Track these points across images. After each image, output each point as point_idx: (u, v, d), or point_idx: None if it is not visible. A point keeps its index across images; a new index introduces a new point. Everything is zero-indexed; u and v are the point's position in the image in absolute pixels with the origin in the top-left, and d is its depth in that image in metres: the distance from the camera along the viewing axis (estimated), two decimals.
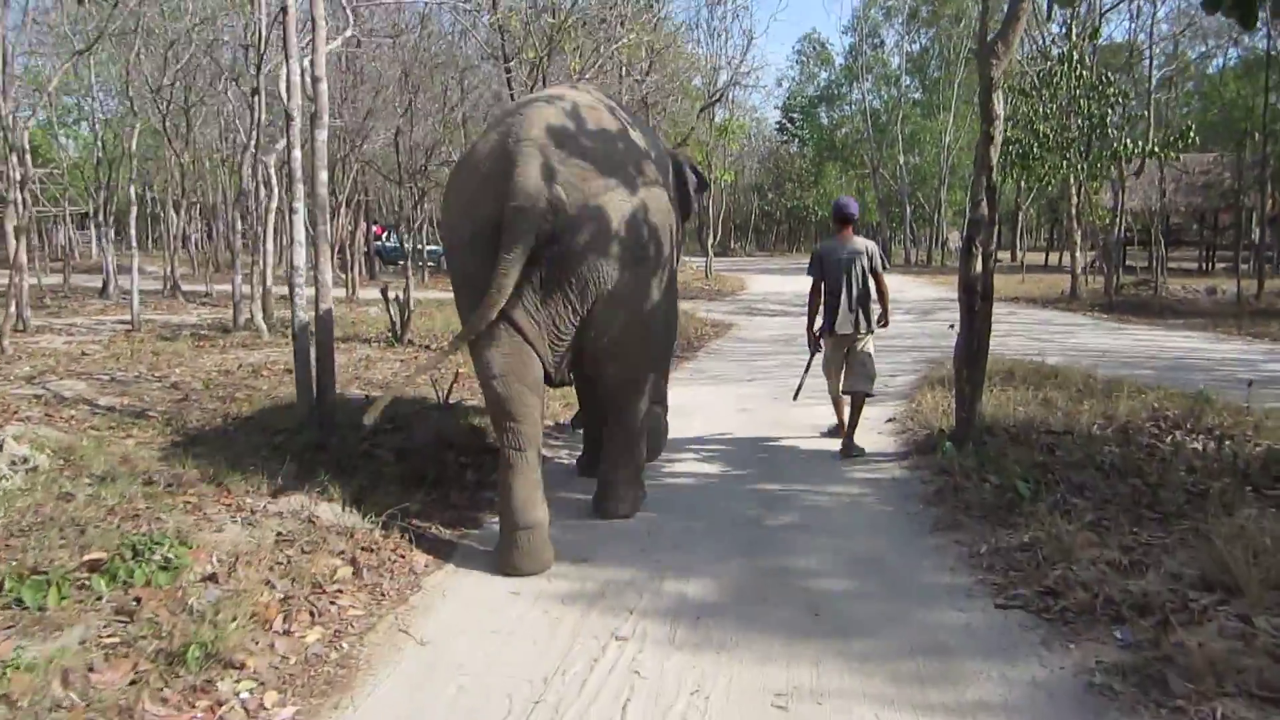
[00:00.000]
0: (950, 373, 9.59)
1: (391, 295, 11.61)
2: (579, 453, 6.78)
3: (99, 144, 16.85)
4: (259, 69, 11.03)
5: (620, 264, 4.66)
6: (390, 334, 11.66)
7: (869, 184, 49.04)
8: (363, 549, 4.69)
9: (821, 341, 7.21)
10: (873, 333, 7.04)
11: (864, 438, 7.34)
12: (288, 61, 6.27)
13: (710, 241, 30.74)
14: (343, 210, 17.91)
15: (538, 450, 4.73)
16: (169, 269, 20.22)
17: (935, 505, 5.46)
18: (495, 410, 4.71)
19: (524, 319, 4.58)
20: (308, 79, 6.85)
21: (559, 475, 6.35)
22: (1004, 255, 46.34)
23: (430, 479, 5.91)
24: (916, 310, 19.11)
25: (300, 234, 6.30)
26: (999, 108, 6.29)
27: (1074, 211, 20.63)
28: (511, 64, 9.89)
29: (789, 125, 63.59)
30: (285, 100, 6.34)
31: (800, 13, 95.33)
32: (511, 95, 10.13)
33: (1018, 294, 22.65)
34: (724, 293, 25.00)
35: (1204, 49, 31.74)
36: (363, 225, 21.53)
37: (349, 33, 9.33)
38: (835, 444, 7.17)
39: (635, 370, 5.11)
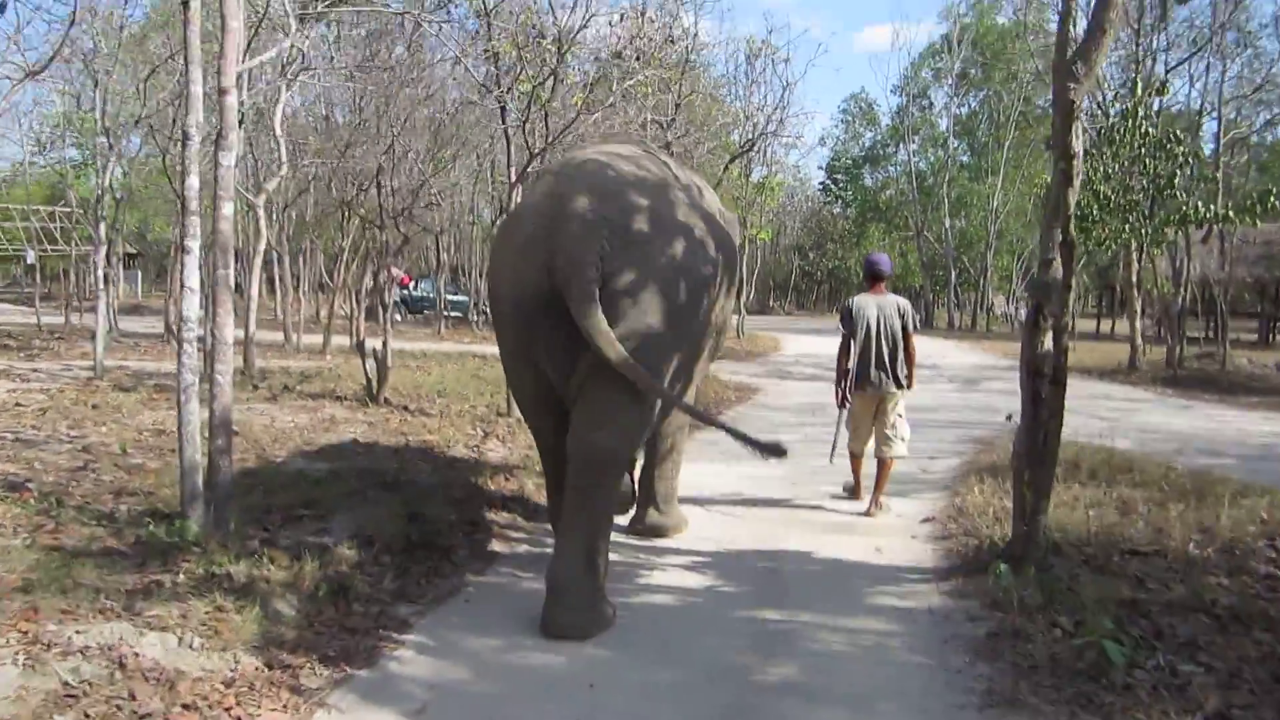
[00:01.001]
0: (1000, 459, 8.21)
1: (370, 348, 10.38)
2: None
3: (102, 180, 15.92)
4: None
5: (658, 316, 4.39)
6: (365, 392, 10.41)
7: (912, 246, 47.65)
8: (183, 707, 3.37)
9: (848, 397, 6.99)
10: (903, 389, 6.91)
11: (896, 541, 5.96)
12: (188, 68, 5.08)
13: (744, 299, 29.41)
14: (342, 255, 16.86)
15: None
16: (169, 312, 19.15)
17: (987, 659, 4.00)
18: (538, 443, 5.12)
19: (545, 359, 4.54)
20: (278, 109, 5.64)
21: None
22: None
23: (328, 591, 4.59)
24: (960, 379, 17.60)
25: (192, 280, 5.05)
26: (1077, 143, 4.93)
27: (1134, 279, 19.09)
28: (505, 96, 8.68)
29: (832, 186, 62.59)
30: (184, 117, 5.12)
31: (847, 77, 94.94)
32: (505, 131, 8.93)
33: (1071, 364, 20.99)
34: (755, 353, 23.59)
35: (1268, 116, 30.11)
36: (384, 272, 20.42)
37: (287, 42, 8.19)
38: (854, 551, 5.78)
39: (624, 434, 4.58)
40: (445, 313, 30.48)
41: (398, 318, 32.54)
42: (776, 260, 64.66)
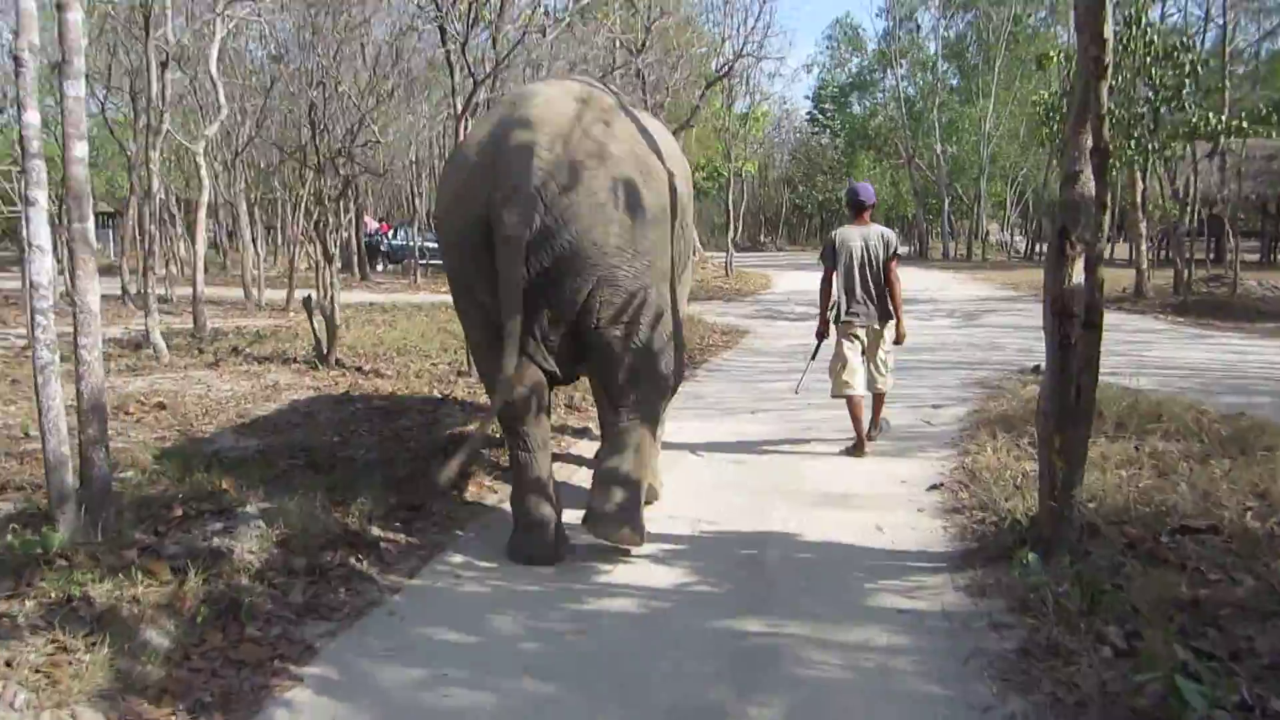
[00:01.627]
0: (1013, 409, 7.38)
1: (317, 304, 9.48)
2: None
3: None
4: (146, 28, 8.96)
5: (617, 254, 4.38)
6: (315, 354, 9.54)
7: (904, 174, 46.49)
8: None
9: (833, 329, 6.76)
10: (888, 320, 6.70)
11: (900, 516, 5.16)
12: None
13: (732, 236, 28.41)
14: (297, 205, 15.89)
15: (546, 450, 4.76)
16: (124, 272, 18.26)
17: (1020, 689, 3.16)
18: (501, 414, 4.63)
19: (491, 302, 4.37)
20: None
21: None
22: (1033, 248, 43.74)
23: (212, 612, 3.77)
24: (961, 313, 16.74)
25: (41, 238, 4.14)
26: (1110, 23, 4.00)
27: (1138, 199, 18.12)
28: (443, 16, 7.70)
29: (820, 116, 61.14)
30: (13, 39, 4.19)
31: (832, 4, 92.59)
32: (448, 58, 7.96)
33: None
34: (744, 292, 22.71)
35: (1268, 25, 28.83)
36: (330, 220, 19.74)
37: None
38: (850, 530, 4.96)
39: (647, 359, 4.59)
40: (423, 262, 29.57)
41: (378, 268, 31.64)
42: (766, 194, 63.48)
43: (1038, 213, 46.80)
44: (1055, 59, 17.30)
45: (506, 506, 5.15)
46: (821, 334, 6.92)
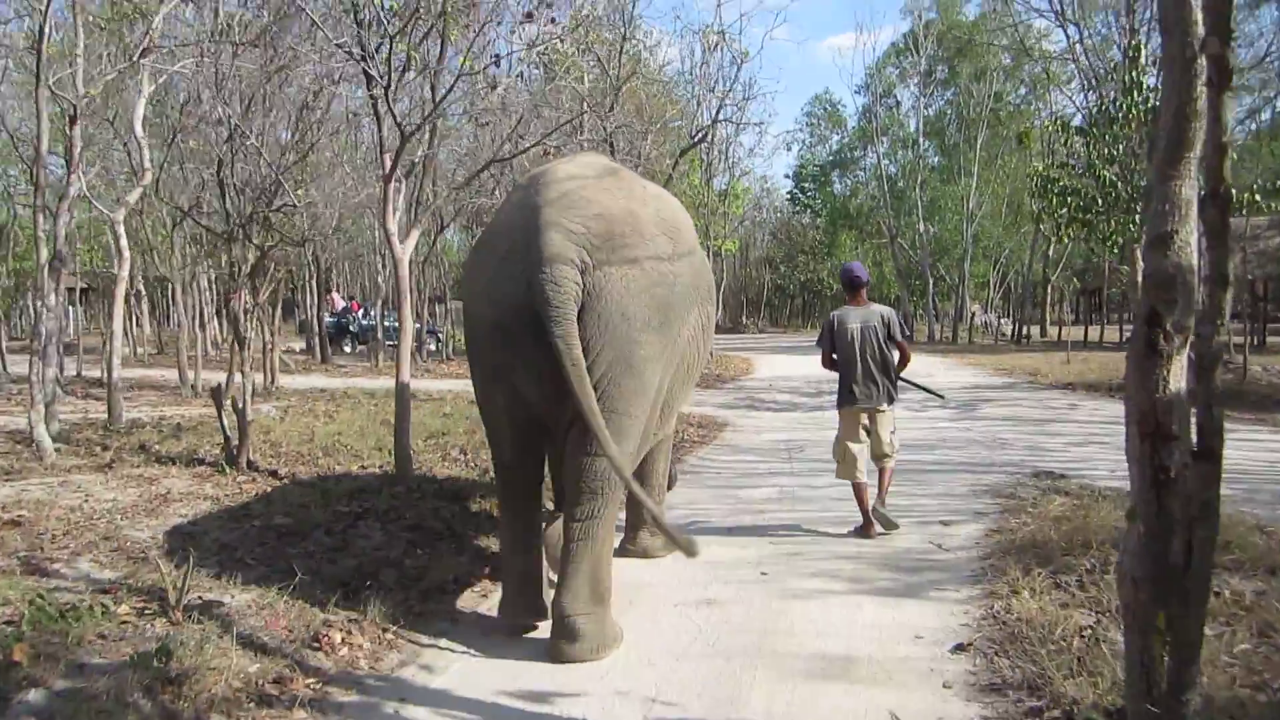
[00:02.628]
0: (1041, 528, 6.14)
1: (233, 396, 8.17)
2: None
3: None
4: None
5: (642, 329, 4.33)
6: (224, 455, 8.23)
7: (887, 254, 45.88)
8: None
9: (838, 415, 6.70)
10: (894, 403, 6.65)
11: (920, 697, 3.87)
12: None
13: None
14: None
15: (537, 510, 4.87)
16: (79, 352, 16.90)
17: None
18: (499, 472, 4.85)
19: (530, 386, 4.44)
20: None
21: None
22: (1021, 329, 42.96)
23: None
24: (955, 402, 15.51)
25: None
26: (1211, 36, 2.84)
27: (1139, 278, 17.06)
28: (371, 64, 6.58)
29: (800, 195, 60.97)
30: None
31: (811, 83, 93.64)
32: (374, 108, 6.83)
33: (1071, 379, 19.07)
34: (724, 378, 21.53)
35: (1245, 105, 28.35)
36: (242, 298, 18.75)
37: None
38: (865, 704, 3.69)
39: (622, 455, 4.27)
40: (393, 343, 28.39)
41: (346, 349, 30.40)
42: (747, 274, 62.92)
43: (1022, 294, 46.26)
44: (1036, 135, 16.46)
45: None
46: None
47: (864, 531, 6.53)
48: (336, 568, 5.66)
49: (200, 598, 4.92)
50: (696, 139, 15.01)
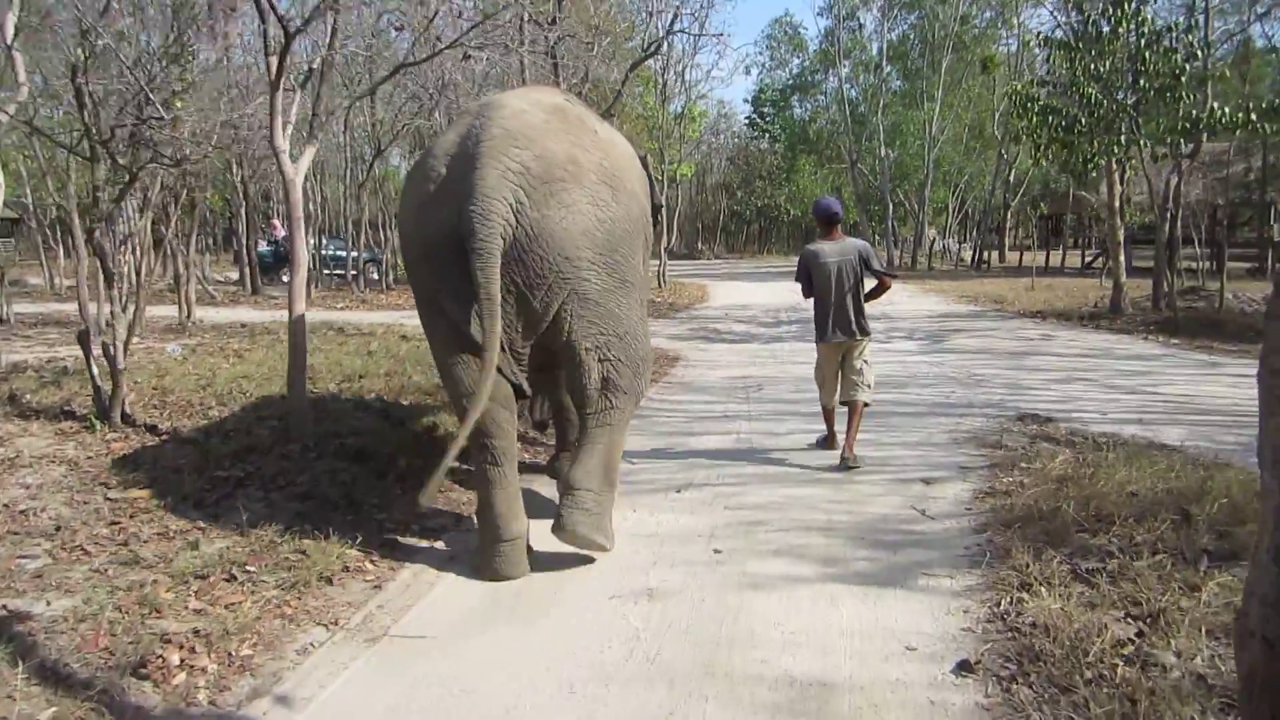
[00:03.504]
0: (1042, 492, 5.23)
1: (102, 340, 6.99)
2: None
3: None
4: None
5: (589, 268, 4.44)
6: (96, 405, 7.09)
7: (846, 179, 44.77)
8: None
9: (815, 348, 6.81)
10: (868, 336, 6.61)
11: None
12: None
13: (665, 244, 26.22)
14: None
15: (514, 464, 4.64)
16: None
17: None
18: (459, 406, 4.57)
19: (463, 314, 4.36)
20: None
21: None
22: (984, 255, 42.35)
23: None
24: (921, 333, 14.67)
25: None
26: None
27: (1117, 202, 16.19)
28: None
29: (759, 120, 59.50)
30: None
31: (771, 6, 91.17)
32: (256, 3, 5.61)
33: (1039, 306, 18.30)
34: (678, 306, 20.54)
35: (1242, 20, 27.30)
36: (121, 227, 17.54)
37: None
38: None
39: (616, 371, 4.65)
40: (329, 273, 27.04)
41: (284, 279, 28.90)
42: (703, 200, 61.63)
43: (981, 220, 45.49)
44: (1000, 60, 15.40)
45: None
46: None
47: (826, 443, 6.89)
48: (196, 555, 4.64)
49: (4, 607, 3.88)
50: (649, 51, 13.72)
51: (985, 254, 39.57)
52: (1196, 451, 6.23)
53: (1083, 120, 12.90)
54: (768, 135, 58.48)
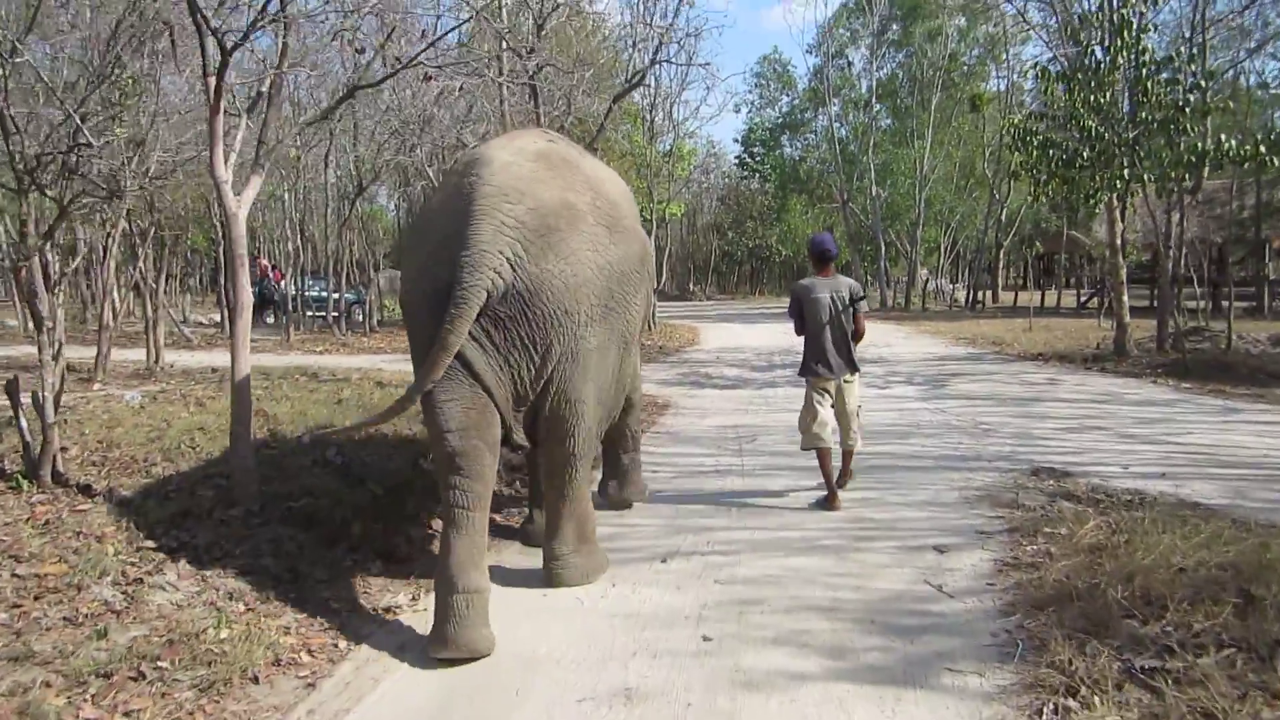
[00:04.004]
0: (1075, 564, 4.61)
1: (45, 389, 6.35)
2: None
3: None
4: None
5: (586, 323, 4.49)
6: (25, 462, 6.43)
7: (838, 219, 44.48)
8: None
9: (806, 385, 6.61)
10: (858, 373, 6.66)
11: None
12: None
13: (656, 286, 25.67)
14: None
15: (485, 513, 4.41)
16: None
17: None
18: (446, 466, 4.36)
19: (486, 371, 4.36)
20: None
21: None
22: (972, 295, 42.02)
23: None
24: (920, 378, 14.10)
25: None
26: None
27: (1118, 240, 15.69)
28: None
29: (749, 159, 59.37)
30: None
31: (759, 41, 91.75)
32: (193, 12, 5.05)
33: (1040, 348, 17.76)
34: (668, 350, 19.98)
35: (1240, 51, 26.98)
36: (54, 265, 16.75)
37: None
38: None
39: (585, 438, 4.74)
40: (313, 314, 26.46)
41: (269, 319, 28.32)
42: (694, 241, 61.37)
43: (973, 259, 45.19)
44: (990, 98, 15.02)
45: None
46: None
47: (828, 503, 6.38)
48: (103, 646, 4.00)
49: None
50: (634, 81, 13.26)
51: (979, 294, 39.17)
52: (1238, 513, 5.64)
53: (1084, 154, 12.43)
54: (758, 175, 58.33)
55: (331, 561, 5.19)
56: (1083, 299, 36.49)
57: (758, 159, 58.01)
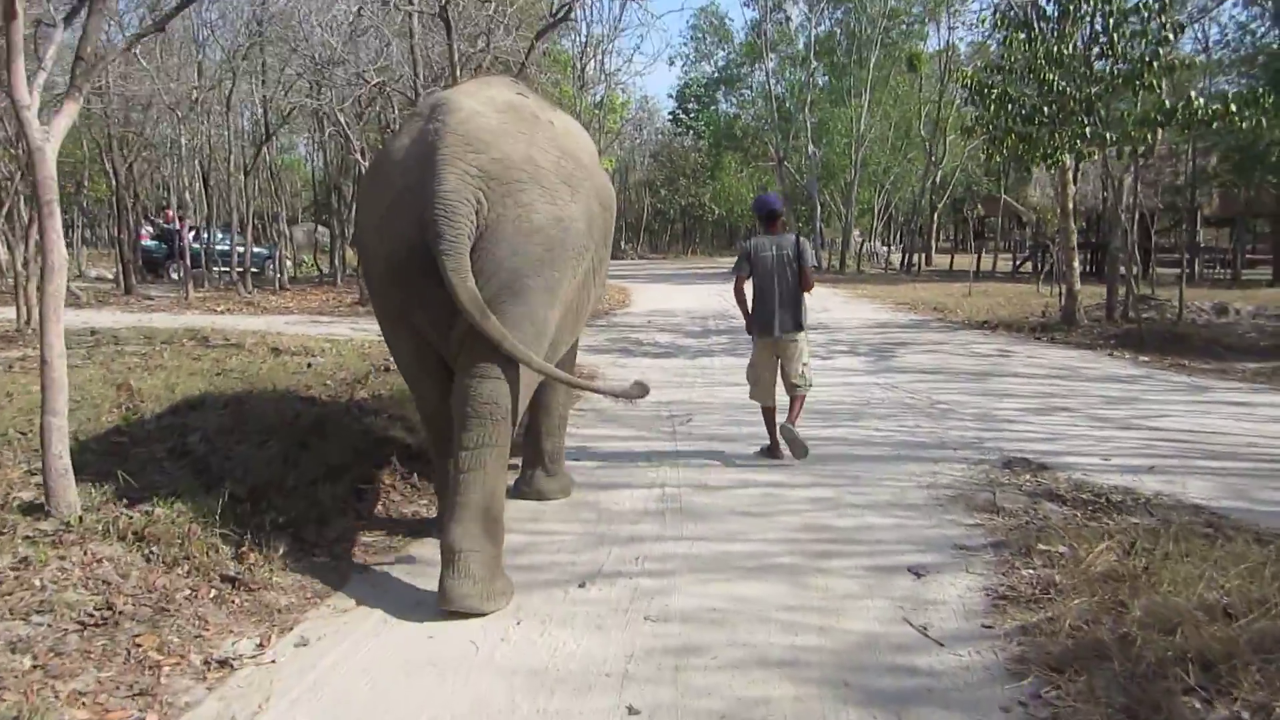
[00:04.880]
0: (1093, 608, 3.66)
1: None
2: None
3: None
4: None
5: (533, 267, 4.27)
6: None
7: (772, 178, 43.66)
8: None
9: (752, 341, 6.82)
10: (803, 331, 6.63)
11: None
12: None
13: None
14: None
15: None
16: None
17: None
18: (429, 425, 4.81)
19: (433, 326, 4.35)
20: None
21: None
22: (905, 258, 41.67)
23: None
24: (865, 346, 13.29)
25: None
26: None
27: (1069, 203, 14.97)
28: None
29: (683, 116, 58.15)
30: None
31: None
32: None
33: (984, 316, 17.09)
34: (597, 312, 18.90)
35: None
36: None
37: None
38: None
39: (508, 388, 4.26)
40: (226, 270, 24.83)
41: (173, 275, 26.53)
42: (626, 198, 60.11)
43: (905, 221, 44.76)
44: (927, 59, 14.13)
45: None
46: (750, 330, 6.77)
47: (771, 452, 6.61)
48: None
49: None
50: (559, 15, 12.05)
51: (913, 257, 38.70)
52: (1250, 519, 4.84)
53: (1045, 110, 11.60)
54: (692, 131, 57.19)
55: (165, 593, 4.10)
56: (1017, 263, 36.22)
57: (692, 115, 56.85)
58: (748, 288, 6.69)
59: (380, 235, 4.43)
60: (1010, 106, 11.99)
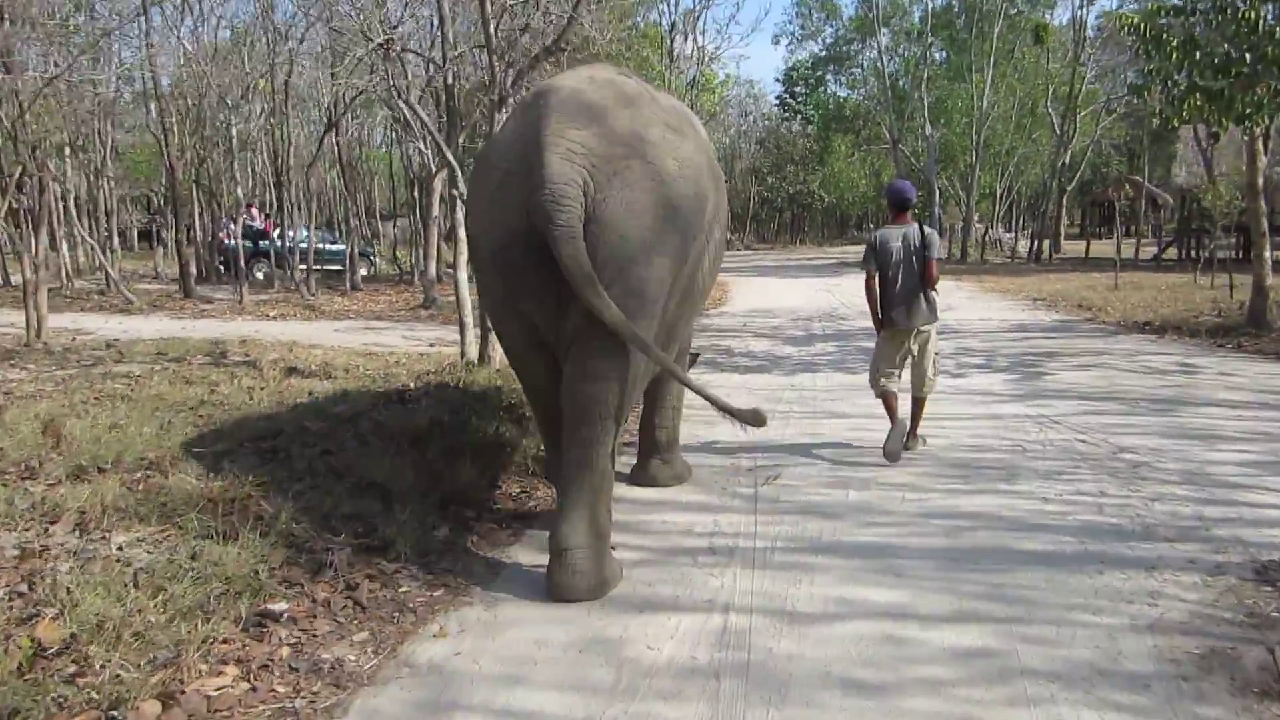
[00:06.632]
0: None
1: None
2: None
3: None
4: None
5: (640, 251, 4.11)
6: None
7: (887, 162, 40.83)
8: None
9: (878, 336, 6.55)
10: (936, 321, 6.38)
11: None
12: None
13: None
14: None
15: None
16: None
17: None
18: (536, 405, 4.96)
19: (542, 318, 4.27)
20: None
21: None
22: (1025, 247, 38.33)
23: None
24: (1003, 357, 10.92)
25: None
26: None
27: (1259, 180, 12.23)
28: None
29: (790, 100, 55.54)
30: None
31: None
32: None
33: (1142, 315, 14.43)
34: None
35: None
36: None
37: None
38: None
39: (617, 384, 4.19)
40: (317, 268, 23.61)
41: (259, 275, 25.47)
42: (732, 187, 57.77)
43: (1033, 206, 41.42)
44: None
45: None
46: (879, 329, 6.50)
47: (892, 439, 6.20)
48: None
49: None
50: None
51: (1041, 244, 35.42)
52: None
53: (1247, 59, 9.07)
54: (800, 116, 54.53)
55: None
56: (1160, 250, 32.82)
57: (799, 99, 54.19)
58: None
59: (488, 220, 4.39)
60: (1198, 55, 9.47)
